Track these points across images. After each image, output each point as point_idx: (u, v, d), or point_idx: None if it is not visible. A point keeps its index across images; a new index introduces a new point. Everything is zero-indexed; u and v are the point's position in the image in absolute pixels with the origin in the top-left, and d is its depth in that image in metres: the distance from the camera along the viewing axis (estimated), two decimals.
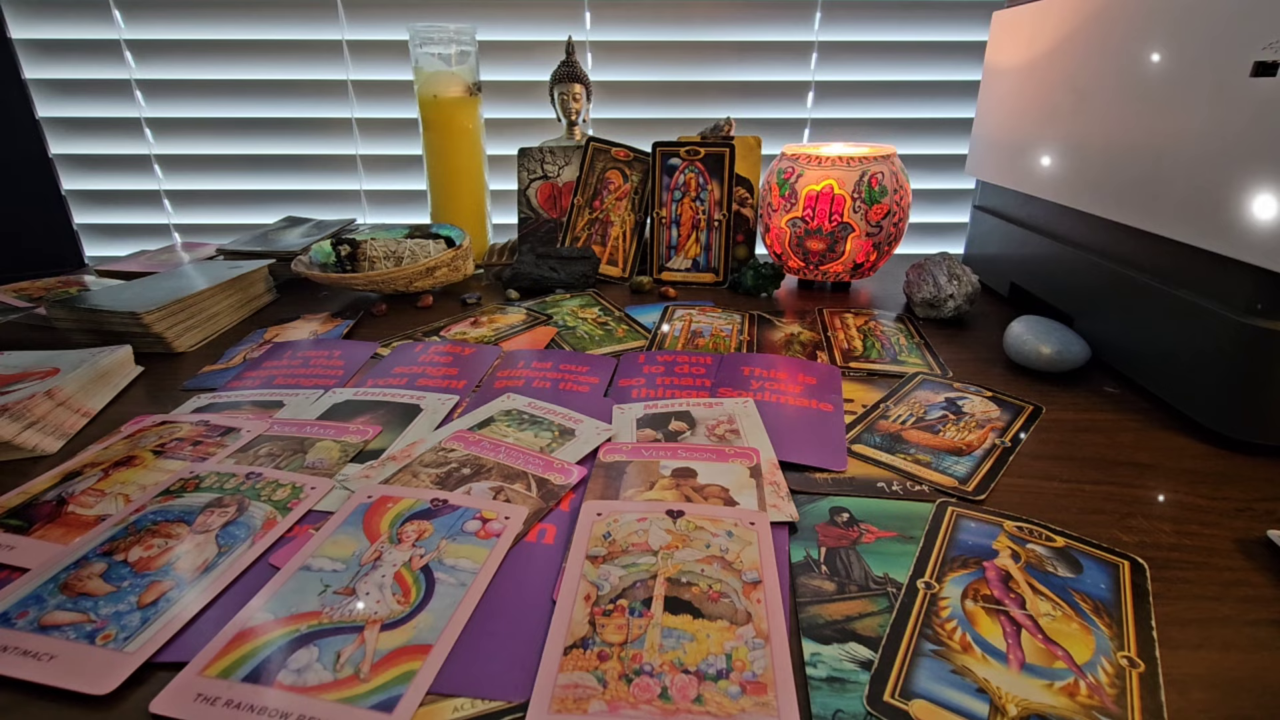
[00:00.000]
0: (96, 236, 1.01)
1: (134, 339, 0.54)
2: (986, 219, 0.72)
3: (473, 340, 0.58)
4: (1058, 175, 0.57)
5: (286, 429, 0.42)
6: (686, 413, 0.44)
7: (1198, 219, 0.41)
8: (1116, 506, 0.35)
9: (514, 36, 0.92)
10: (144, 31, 0.91)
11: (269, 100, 0.95)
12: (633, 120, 0.95)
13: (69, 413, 0.44)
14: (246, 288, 0.66)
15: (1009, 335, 0.53)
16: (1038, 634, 0.27)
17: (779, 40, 0.92)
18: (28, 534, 0.32)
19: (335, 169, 0.99)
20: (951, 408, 0.46)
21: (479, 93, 0.80)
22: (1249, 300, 0.39)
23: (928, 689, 0.24)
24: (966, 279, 0.62)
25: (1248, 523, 0.34)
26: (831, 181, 0.65)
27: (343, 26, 0.91)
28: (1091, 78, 0.52)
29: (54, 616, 0.27)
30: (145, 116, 0.95)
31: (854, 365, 0.53)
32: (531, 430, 0.42)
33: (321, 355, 0.55)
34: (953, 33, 0.92)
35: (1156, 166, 0.45)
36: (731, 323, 0.62)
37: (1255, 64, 0.37)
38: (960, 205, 1.00)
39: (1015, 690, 0.24)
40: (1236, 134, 0.39)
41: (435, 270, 0.67)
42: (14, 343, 0.54)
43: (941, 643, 0.26)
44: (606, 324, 0.62)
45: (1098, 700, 0.24)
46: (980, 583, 0.29)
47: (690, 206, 0.75)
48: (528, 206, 0.81)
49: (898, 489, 0.37)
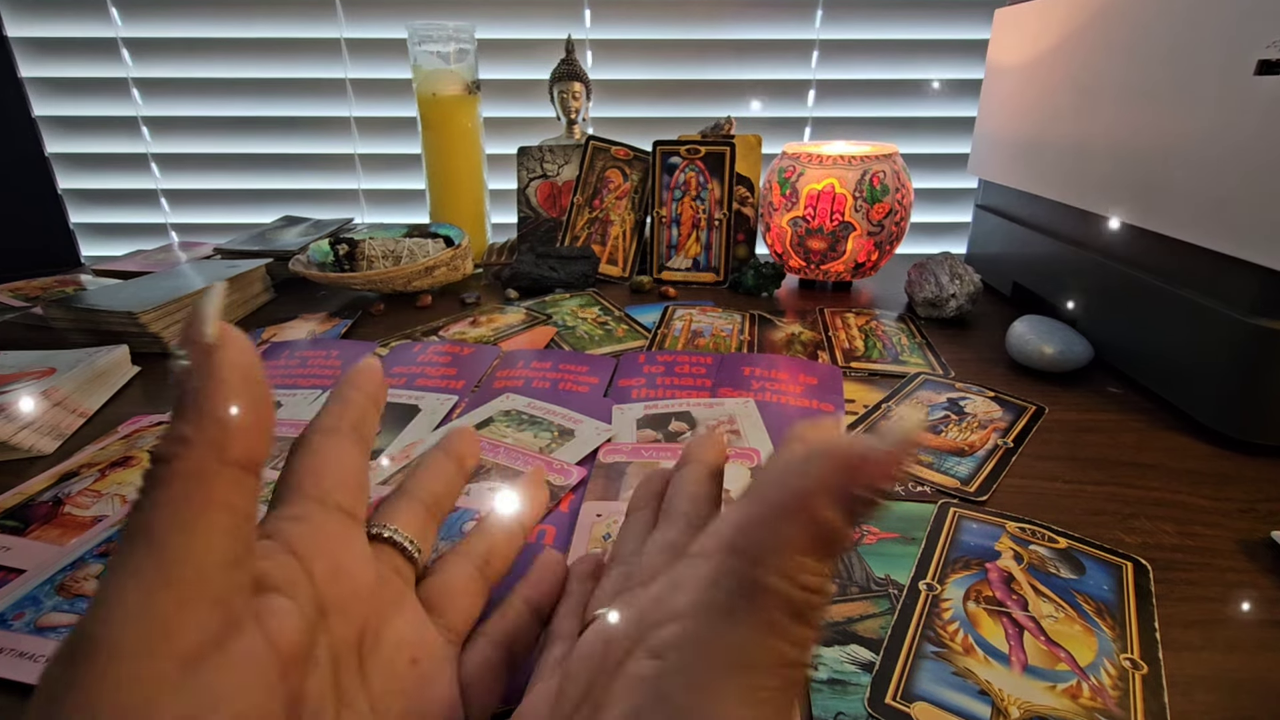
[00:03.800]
0: (93, 236, 1.00)
1: (131, 339, 0.54)
2: (989, 218, 0.72)
3: (472, 340, 0.58)
4: (1060, 174, 0.56)
5: (284, 429, 0.42)
6: (687, 413, 0.44)
7: (1202, 218, 0.41)
8: (1119, 507, 0.35)
9: (513, 35, 0.91)
10: (141, 30, 0.91)
11: (267, 99, 0.95)
12: (633, 119, 0.95)
13: (65, 413, 0.44)
14: (244, 287, 0.66)
15: (1011, 335, 0.53)
16: (1040, 636, 0.27)
17: (780, 39, 0.92)
18: (24, 535, 0.32)
19: (333, 168, 0.98)
20: (953, 408, 0.45)
21: (478, 91, 0.79)
22: (1253, 300, 0.39)
23: (929, 691, 0.24)
24: (969, 278, 0.62)
25: (1251, 523, 0.34)
26: (833, 180, 0.65)
27: (341, 25, 0.91)
28: (1094, 76, 0.52)
29: (50, 618, 0.27)
30: (142, 115, 0.94)
31: (855, 365, 0.53)
32: (531, 430, 0.42)
33: (319, 355, 0.54)
34: (954, 31, 0.91)
35: (1160, 165, 0.45)
36: (732, 323, 0.62)
37: (1259, 62, 0.37)
38: (962, 204, 1.00)
39: (1017, 692, 0.24)
40: (1242, 132, 0.38)
41: (434, 270, 0.66)
42: (10, 342, 0.54)
43: (943, 644, 0.26)
44: (606, 324, 0.62)
45: (1100, 702, 0.24)
46: (982, 584, 0.29)
47: (690, 206, 0.75)
48: (527, 206, 0.81)
49: (899, 490, 0.36)
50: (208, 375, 0.14)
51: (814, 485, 0.12)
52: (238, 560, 0.14)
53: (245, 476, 0.15)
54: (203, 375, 0.14)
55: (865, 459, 0.12)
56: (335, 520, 0.19)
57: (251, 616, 0.15)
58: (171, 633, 0.13)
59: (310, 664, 0.16)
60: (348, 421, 0.21)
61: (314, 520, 0.18)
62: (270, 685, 0.14)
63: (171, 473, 0.14)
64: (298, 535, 0.18)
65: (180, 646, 0.13)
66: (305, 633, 0.16)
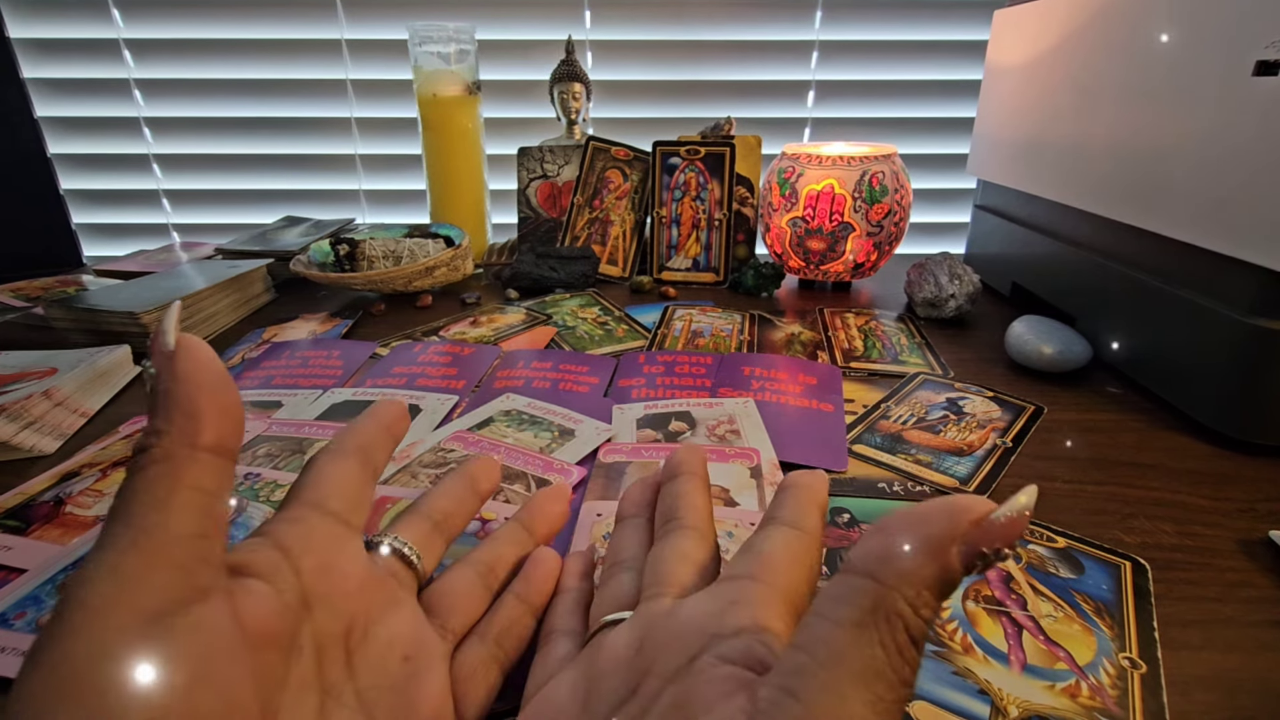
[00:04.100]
0: (95, 236, 1.01)
1: (132, 339, 0.54)
2: (988, 218, 0.72)
3: (472, 340, 0.58)
4: (1059, 174, 0.57)
5: (285, 429, 0.42)
6: (687, 413, 0.44)
7: (1201, 218, 0.41)
8: (1118, 507, 0.35)
9: (513, 35, 0.92)
10: (143, 31, 0.91)
11: (268, 99, 0.95)
12: (633, 119, 0.95)
13: (67, 413, 0.44)
14: (245, 287, 0.66)
15: (1010, 335, 0.53)
16: (1039, 635, 0.27)
17: (779, 39, 0.92)
18: (25, 535, 0.32)
19: (334, 168, 0.99)
20: (953, 408, 0.45)
21: (478, 92, 0.80)
22: (1252, 300, 0.39)
23: (929, 690, 0.24)
24: (968, 278, 0.62)
25: (1250, 523, 0.34)
26: (832, 181, 0.65)
27: (342, 25, 0.91)
28: (1093, 76, 0.52)
29: None
30: (144, 116, 0.94)
31: (855, 365, 0.53)
32: (531, 430, 0.42)
33: (320, 355, 0.54)
34: (954, 32, 0.91)
35: (1159, 165, 0.45)
36: (732, 323, 0.62)
37: (1257, 63, 0.37)
38: (961, 205, 1.00)
39: (1017, 691, 0.24)
40: (1240, 133, 0.39)
41: (434, 270, 0.67)
42: (11, 342, 0.54)
43: (942, 644, 0.26)
44: (606, 324, 0.62)
45: (1099, 702, 0.24)
46: (981, 584, 0.29)
47: (690, 206, 0.75)
48: (527, 206, 0.81)
49: (899, 490, 0.37)
50: (172, 376, 0.16)
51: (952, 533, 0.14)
52: (205, 534, 0.16)
53: (216, 460, 0.16)
54: (169, 377, 0.16)
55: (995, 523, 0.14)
56: (328, 524, 0.20)
57: (222, 591, 0.16)
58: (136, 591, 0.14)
59: (294, 651, 0.17)
60: (354, 444, 0.22)
61: (307, 522, 0.20)
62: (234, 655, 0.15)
63: (148, 459, 0.16)
64: (288, 534, 0.19)
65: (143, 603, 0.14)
66: (282, 617, 0.17)
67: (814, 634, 0.15)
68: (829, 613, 0.15)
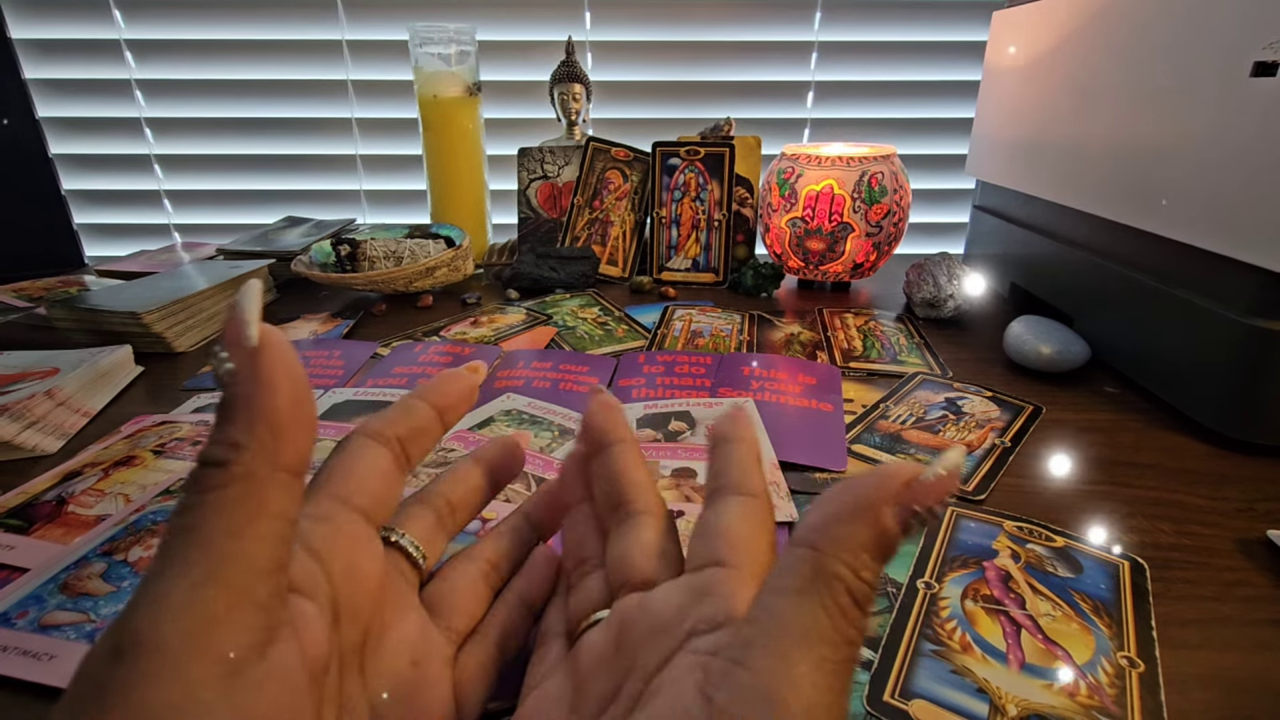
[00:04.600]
0: (96, 236, 1.01)
1: (134, 339, 0.54)
2: (986, 219, 0.72)
3: (472, 340, 0.58)
4: (1058, 175, 0.57)
5: None
6: (686, 413, 0.44)
7: (1199, 219, 0.41)
8: (1116, 507, 0.35)
9: (514, 36, 0.92)
10: (144, 31, 0.91)
11: (269, 100, 0.95)
12: (633, 120, 0.95)
13: (69, 413, 0.44)
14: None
15: (1009, 335, 0.53)
16: (1038, 634, 0.27)
17: (779, 40, 0.92)
18: (27, 534, 0.32)
19: (335, 169, 0.99)
20: (951, 408, 0.46)
21: (479, 92, 0.80)
22: (1251, 301, 0.39)
23: (927, 689, 0.24)
24: (967, 278, 0.62)
25: (1248, 523, 0.34)
26: (831, 181, 0.65)
27: (343, 26, 0.91)
28: (1092, 77, 0.52)
29: (54, 616, 0.27)
30: (145, 116, 0.95)
31: (854, 365, 0.53)
32: (531, 430, 0.42)
33: (321, 355, 0.55)
34: (953, 33, 0.92)
35: (1158, 166, 0.45)
36: (731, 323, 0.62)
37: (1255, 64, 0.37)
38: (960, 205, 1.00)
39: (1015, 690, 0.24)
40: (1239, 134, 0.39)
41: (435, 270, 0.67)
42: (13, 342, 0.54)
43: (941, 643, 0.26)
44: (606, 324, 0.62)
45: (1098, 700, 0.24)
46: (980, 583, 0.29)
47: (690, 206, 0.75)
48: (527, 206, 0.81)
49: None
50: (256, 380, 0.15)
51: (881, 496, 0.15)
52: (281, 566, 0.15)
53: (293, 481, 0.15)
54: (251, 380, 0.14)
55: (924, 483, 0.15)
56: (353, 523, 0.19)
57: (288, 624, 0.15)
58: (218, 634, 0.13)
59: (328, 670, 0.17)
60: (395, 433, 0.21)
61: (334, 522, 0.19)
62: (302, 695, 0.15)
63: (228, 476, 0.14)
64: (318, 535, 0.18)
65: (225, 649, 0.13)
66: (330, 641, 0.16)
67: (762, 606, 0.16)
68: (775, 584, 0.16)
